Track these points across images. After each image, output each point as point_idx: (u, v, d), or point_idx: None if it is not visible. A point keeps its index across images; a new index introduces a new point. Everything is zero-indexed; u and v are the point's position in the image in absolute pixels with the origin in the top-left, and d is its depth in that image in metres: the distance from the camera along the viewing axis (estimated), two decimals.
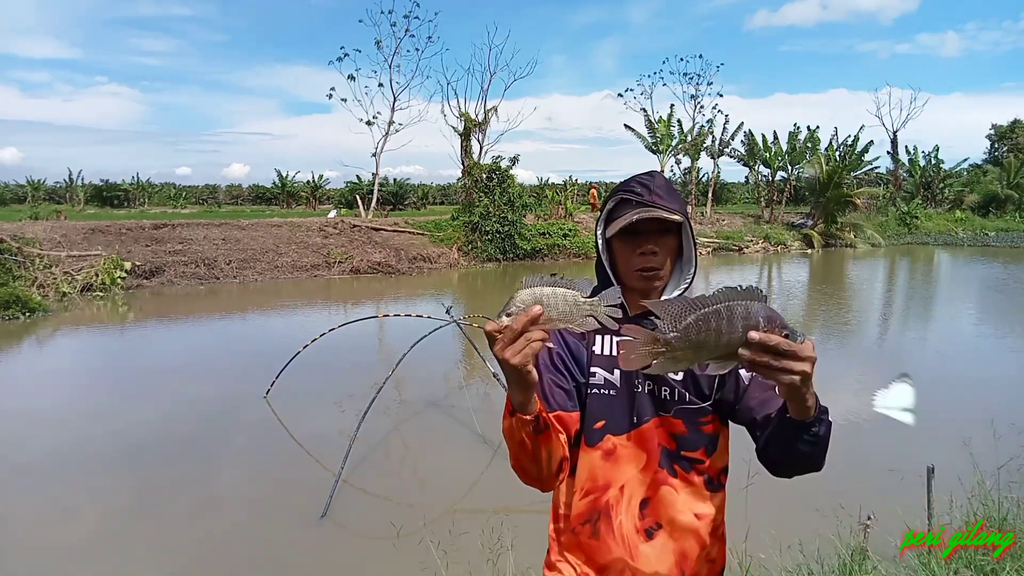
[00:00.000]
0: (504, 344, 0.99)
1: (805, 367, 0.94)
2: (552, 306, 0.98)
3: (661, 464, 1.29)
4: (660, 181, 1.31)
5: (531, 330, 0.98)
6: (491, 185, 20.63)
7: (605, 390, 1.32)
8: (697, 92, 27.61)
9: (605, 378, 1.32)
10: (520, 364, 0.99)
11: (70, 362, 9.26)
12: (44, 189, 41.53)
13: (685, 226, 1.31)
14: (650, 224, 1.27)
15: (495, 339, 1.00)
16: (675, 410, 1.29)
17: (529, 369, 1.01)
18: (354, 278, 17.31)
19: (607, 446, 1.31)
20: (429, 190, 45.48)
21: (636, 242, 1.29)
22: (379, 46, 23.80)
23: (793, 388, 0.96)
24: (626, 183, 1.32)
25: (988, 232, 29.68)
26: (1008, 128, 40.48)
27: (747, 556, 2.75)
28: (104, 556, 3.97)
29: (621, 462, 1.30)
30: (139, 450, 5.54)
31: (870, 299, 14.42)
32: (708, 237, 24.72)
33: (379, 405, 5.47)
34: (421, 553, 3.15)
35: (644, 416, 1.29)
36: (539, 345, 0.99)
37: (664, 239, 1.29)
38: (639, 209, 1.26)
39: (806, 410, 1.03)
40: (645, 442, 1.29)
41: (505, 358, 0.99)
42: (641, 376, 1.30)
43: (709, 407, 1.30)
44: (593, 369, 1.33)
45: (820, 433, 1.09)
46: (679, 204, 1.31)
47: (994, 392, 6.92)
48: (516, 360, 0.98)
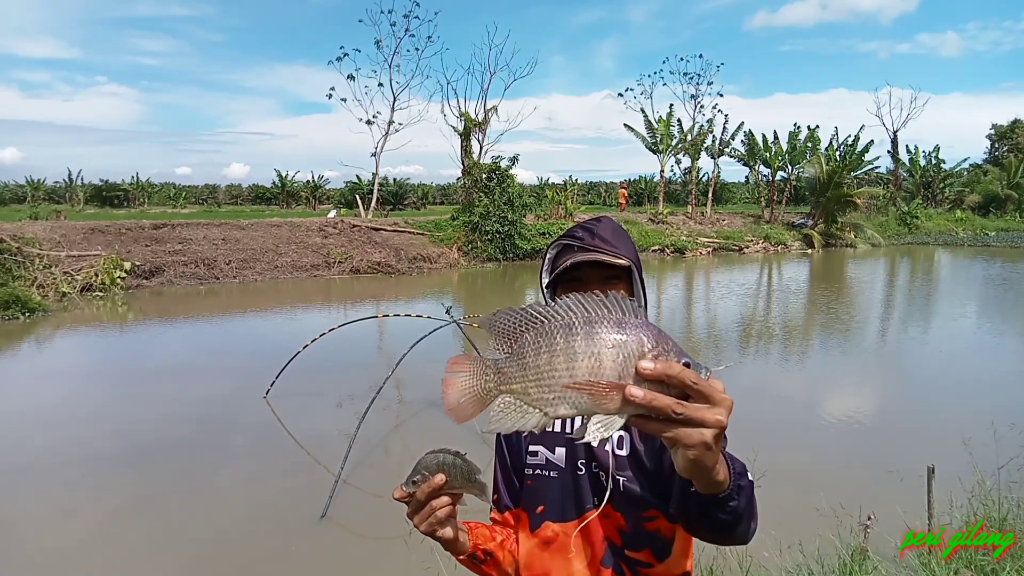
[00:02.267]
0: (412, 511, 1.02)
1: (719, 416, 0.66)
2: (454, 475, 1.00)
3: (604, 562, 1.12)
4: (608, 225, 1.21)
5: (437, 496, 1.00)
6: (491, 185, 20.63)
7: (545, 471, 1.18)
8: (697, 92, 27.64)
9: (547, 457, 1.18)
10: (426, 532, 1.02)
11: (70, 362, 9.25)
12: (44, 189, 41.50)
13: (634, 272, 1.18)
14: (594, 271, 1.16)
15: (406, 503, 1.02)
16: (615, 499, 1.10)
17: (439, 534, 1.03)
18: (354, 278, 17.30)
19: (546, 534, 1.17)
20: (429, 190, 45.47)
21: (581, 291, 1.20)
22: (379, 46, 23.80)
23: (701, 454, 0.68)
24: (571, 229, 1.22)
25: (988, 232, 29.68)
26: (1008, 128, 40.45)
27: (747, 556, 2.75)
28: (104, 556, 3.97)
29: (561, 553, 1.14)
30: (139, 450, 5.54)
31: (870, 299, 14.42)
32: (708, 237, 24.73)
33: (379, 405, 5.47)
34: (422, 553, 3.14)
35: (586, 504, 1.14)
36: (445, 511, 1.01)
37: (612, 287, 1.15)
38: (579, 253, 1.16)
39: (717, 483, 0.76)
40: (590, 534, 1.13)
41: (415, 524, 1.02)
42: (585, 454, 1.14)
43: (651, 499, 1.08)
44: (532, 448, 1.20)
45: (739, 507, 0.83)
46: (628, 249, 1.19)
47: (994, 392, 6.92)
48: (423, 528, 1.01)
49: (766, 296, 15.02)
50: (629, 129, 27.45)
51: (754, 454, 3.21)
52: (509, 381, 0.71)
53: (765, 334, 10.58)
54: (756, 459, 3.15)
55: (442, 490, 1.00)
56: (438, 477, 0.99)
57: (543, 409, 0.69)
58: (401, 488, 1.01)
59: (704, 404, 0.66)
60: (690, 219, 27.05)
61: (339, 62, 23.61)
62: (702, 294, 15.60)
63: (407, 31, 23.83)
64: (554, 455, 1.19)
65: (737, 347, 9.30)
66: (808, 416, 6.37)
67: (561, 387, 0.67)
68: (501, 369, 0.73)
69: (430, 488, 0.99)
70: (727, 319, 11.88)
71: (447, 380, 0.78)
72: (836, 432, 5.83)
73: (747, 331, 10.81)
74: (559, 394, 0.68)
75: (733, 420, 0.67)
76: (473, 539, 1.14)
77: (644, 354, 0.67)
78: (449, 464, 1.00)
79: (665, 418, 0.66)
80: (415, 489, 1.00)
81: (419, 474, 1.00)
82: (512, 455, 1.26)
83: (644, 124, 27.09)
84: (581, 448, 1.16)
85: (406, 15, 23.99)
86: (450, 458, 1.01)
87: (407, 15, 23.92)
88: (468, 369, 0.76)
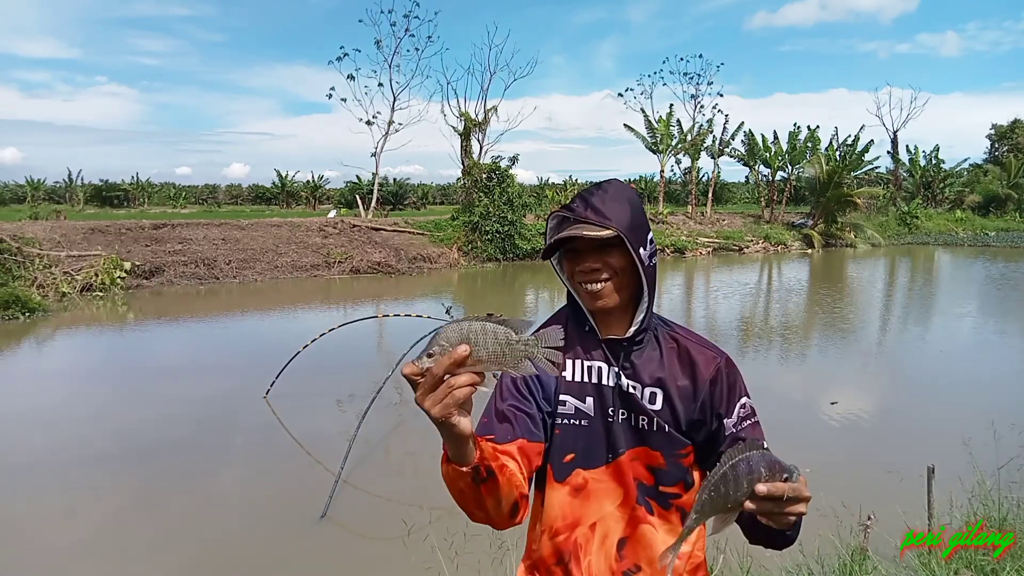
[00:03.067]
0: (424, 391, 0.83)
1: (803, 508, 0.94)
2: (481, 345, 0.83)
3: (638, 500, 1.19)
4: (608, 191, 1.19)
5: (457, 373, 0.83)
6: (491, 185, 20.64)
7: (576, 420, 1.21)
8: (697, 92, 27.66)
9: (576, 407, 1.21)
10: (440, 416, 0.83)
11: (70, 362, 9.25)
12: (44, 189, 41.51)
13: (628, 241, 1.15)
14: (585, 241, 1.16)
15: (415, 384, 0.84)
16: (654, 441, 1.20)
17: (455, 421, 0.85)
18: (354, 278, 17.30)
19: (577, 481, 1.20)
20: (429, 190, 45.50)
21: (577, 260, 1.20)
22: (379, 46, 23.82)
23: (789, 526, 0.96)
24: (573, 198, 1.22)
25: (988, 232, 29.72)
26: (1008, 128, 40.42)
27: (747, 556, 2.75)
28: (104, 556, 3.97)
29: (593, 498, 1.20)
30: (139, 450, 5.54)
31: (870, 299, 14.42)
32: (708, 237, 24.73)
33: (379, 405, 5.47)
34: (423, 553, 3.14)
35: (619, 448, 1.19)
36: (465, 391, 0.83)
37: (606, 254, 1.17)
38: (568, 227, 1.17)
39: (788, 524, 0.98)
40: (622, 476, 1.19)
41: (425, 408, 0.83)
42: (616, 403, 1.21)
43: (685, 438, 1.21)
44: (563, 397, 1.22)
45: (793, 536, 1.08)
46: (621, 216, 1.15)
47: (994, 392, 6.92)
48: (436, 411, 0.83)
49: (766, 296, 15.02)
50: (629, 129, 27.49)
51: None
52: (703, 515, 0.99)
53: (765, 334, 10.59)
54: None
55: (464, 365, 0.83)
56: (461, 348, 0.81)
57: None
58: (413, 363, 0.84)
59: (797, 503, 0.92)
60: (690, 219, 27.05)
61: (339, 62, 23.67)
62: (702, 294, 15.60)
63: (407, 31, 23.89)
64: (584, 404, 1.21)
65: (737, 347, 9.30)
66: (808, 416, 6.37)
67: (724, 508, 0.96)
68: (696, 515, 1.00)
69: (451, 361, 0.81)
70: (727, 319, 11.89)
71: None
72: (836, 432, 5.83)
73: (747, 331, 10.82)
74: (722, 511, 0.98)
75: None
76: (479, 451, 0.97)
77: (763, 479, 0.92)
78: (478, 331, 0.83)
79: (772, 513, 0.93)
80: (431, 364, 0.82)
81: (437, 345, 0.83)
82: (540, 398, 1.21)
83: (644, 124, 27.12)
84: (611, 396, 1.21)
85: (406, 15, 24.06)
86: (478, 324, 0.83)
87: (407, 15, 23.99)
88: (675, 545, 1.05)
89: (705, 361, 1.21)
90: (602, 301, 1.19)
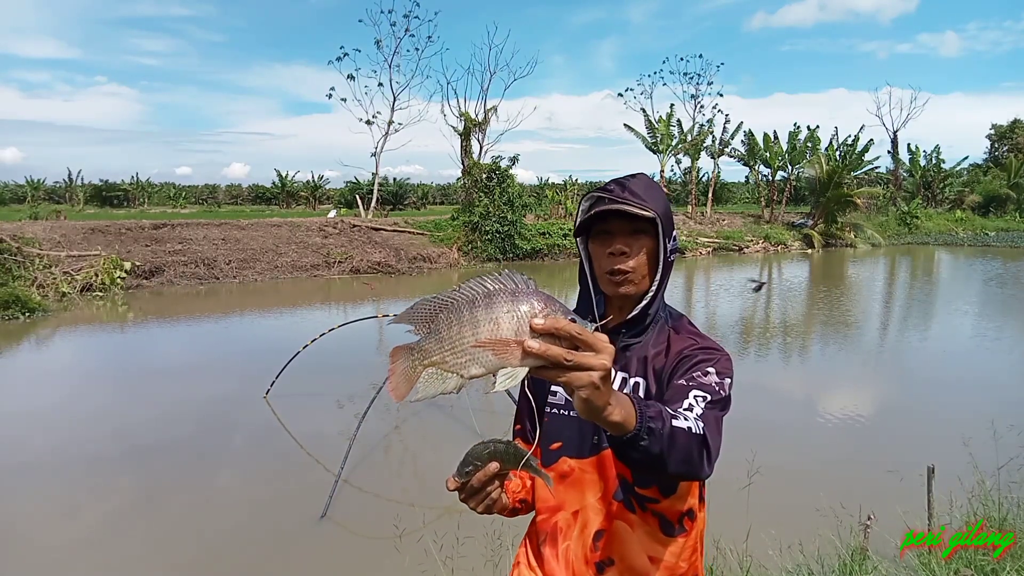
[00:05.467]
0: (467, 497, 1.09)
1: (604, 360, 0.76)
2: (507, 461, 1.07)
3: (616, 496, 1.20)
4: (642, 180, 1.22)
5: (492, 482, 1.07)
6: (491, 185, 20.63)
7: (565, 411, 1.26)
8: (697, 92, 27.69)
9: (566, 398, 1.25)
10: (484, 512, 1.12)
11: (70, 362, 9.25)
12: (44, 189, 41.51)
13: (661, 226, 1.18)
14: (621, 223, 1.18)
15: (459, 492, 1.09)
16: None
17: (494, 510, 1.13)
18: (354, 278, 17.30)
19: (562, 468, 1.24)
20: (429, 190, 45.49)
21: (607, 242, 1.20)
22: (379, 46, 23.86)
23: (591, 394, 0.77)
24: (607, 183, 1.24)
25: (988, 232, 29.71)
26: (1008, 128, 40.42)
27: (747, 556, 2.75)
28: (105, 556, 3.97)
29: (577, 486, 1.23)
30: (139, 450, 5.54)
31: (870, 299, 14.42)
32: (708, 237, 24.73)
33: (379, 405, 5.47)
34: (422, 553, 3.14)
35: (603, 443, 1.20)
36: (498, 492, 1.10)
37: (637, 239, 1.19)
38: (607, 204, 1.18)
39: (616, 425, 0.83)
40: (605, 469, 1.21)
41: (471, 507, 1.10)
42: None
43: None
44: (554, 388, 1.28)
45: (651, 447, 0.87)
46: (658, 203, 1.19)
47: (994, 392, 6.92)
48: (481, 509, 1.11)
49: (766, 296, 15.01)
50: (629, 129, 27.48)
51: (753, 454, 3.23)
52: (430, 355, 0.83)
53: (765, 333, 10.58)
54: (756, 458, 3.16)
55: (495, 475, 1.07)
56: (492, 465, 1.05)
57: (459, 372, 0.81)
58: (454, 479, 1.08)
59: (590, 352, 0.76)
60: (690, 219, 27.04)
61: (339, 62, 23.70)
62: (702, 294, 15.60)
63: (407, 31, 23.92)
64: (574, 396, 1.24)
65: (737, 347, 9.29)
66: (808, 416, 6.37)
67: (470, 349, 0.79)
68: (422, 347, 0.85)
69: (485, 476, 1.05)
70: (727, 319, 11.88)
71: (390, 369, 0.88)
72: (836, 432, 5.83)
73: (747, 330, 10.81)
74: (469, 356, 0.80)
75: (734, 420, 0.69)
76: (511, 496, 1.24)
77: (536, 315, 0.78)
78: (501, 452, 1.06)
79: (558, 365, 0.75)
80: (468, 479, 1.07)
81: (471, 464, 1.06)
82: (536, 394, 1.29)
83: (644, 124, 27.12)
84: None
85: (406, 15, 24.11)
86: (501, 446, 1.07)
87: (407, 15, 24.04)
88: (400, 355, 0.88)
89: (683, 342, 1.21)
90: (624, 287, 1.20)
